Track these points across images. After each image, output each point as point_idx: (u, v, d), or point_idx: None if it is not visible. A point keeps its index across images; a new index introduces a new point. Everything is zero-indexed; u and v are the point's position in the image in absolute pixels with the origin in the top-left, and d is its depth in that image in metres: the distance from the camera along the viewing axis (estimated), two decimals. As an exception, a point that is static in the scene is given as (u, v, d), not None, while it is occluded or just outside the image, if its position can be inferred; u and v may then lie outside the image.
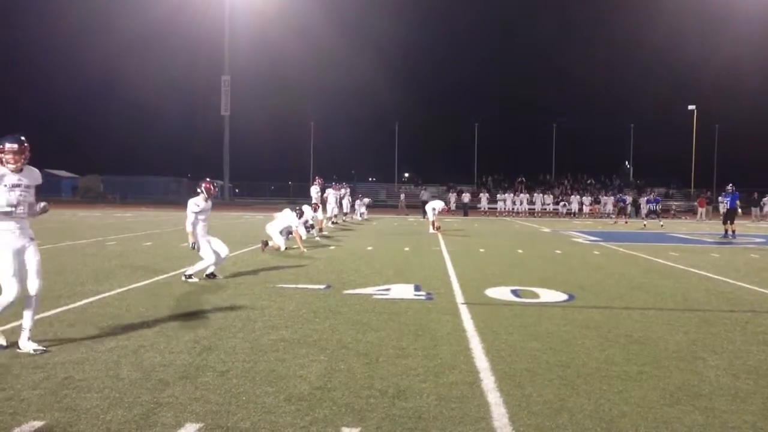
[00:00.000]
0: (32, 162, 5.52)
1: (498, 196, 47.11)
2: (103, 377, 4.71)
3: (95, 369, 4.92)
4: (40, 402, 4.17)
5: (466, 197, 43.40)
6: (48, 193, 62.33)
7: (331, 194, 22.87)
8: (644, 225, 30.28)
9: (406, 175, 78.78)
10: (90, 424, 3.82)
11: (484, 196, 46.48)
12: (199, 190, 9.65)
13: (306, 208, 17.07)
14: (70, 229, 21.11)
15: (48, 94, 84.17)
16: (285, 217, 13.93)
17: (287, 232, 13.90)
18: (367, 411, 4.13)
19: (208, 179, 9.83)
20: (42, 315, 6.77)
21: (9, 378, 4.65)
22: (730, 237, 21.50)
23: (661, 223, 30.81)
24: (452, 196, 44.93)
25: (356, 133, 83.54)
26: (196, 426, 3.82)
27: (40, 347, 5.35)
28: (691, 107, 63.14)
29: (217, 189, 9.80)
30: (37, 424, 3.80)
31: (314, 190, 20.89)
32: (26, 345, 5.32)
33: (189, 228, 9.48)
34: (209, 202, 9.71)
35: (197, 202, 9.54)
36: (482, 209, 44.85)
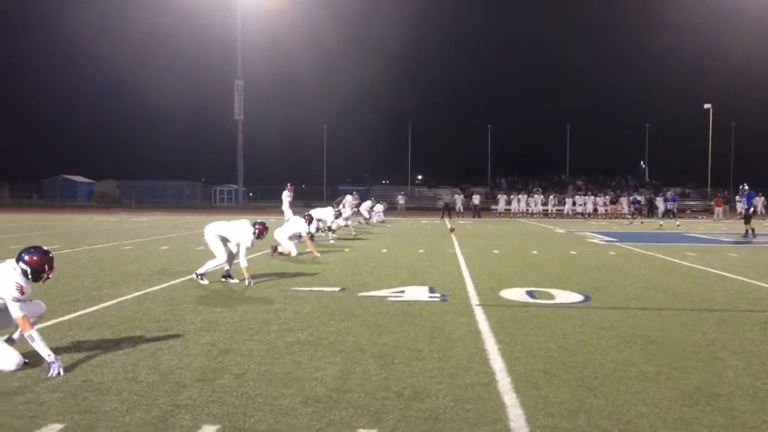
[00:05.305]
0: (50, 168, 5.56)
1: (512, 196, 46.89)
2: (121, 380, 4.75)
3: (113, 372, 4.96)
4: (60, 405, 4.21)
5: (476, 198, 43.26)
6: (65, 198, 62.99)
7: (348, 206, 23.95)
8: (660, 225, 30.05)
9: (420, 177, 78.75)
10: (109, 426, 3.85)
11: (502, 198, 46.36)
12: (254, 230, 9.68)
13: (317, 211, 17.08)
14: (86, 233, 21.29)
15: (64, 101, 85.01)
16: (294, 224, 13.89)
17: (298, 237, 13.87)
18: (383, 413, 4.13)
19: (263, 222, 9.94)
20: (60, 319, 6.85)
21: (29, 381, 4.70)
22: (750, 236, 21.31)
23: (678, 223, 30.57)
24: (459, 198, 44.76)
25: (369, 136, 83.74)
26: (214, 428, 3.84)
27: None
28: (707, 106, 62.56)
29: (267, 232, 10.06)
30: (57, 426, 3.84)
31: (349, 198, 24.12)
32: None
33: (245, 263, 9.57)
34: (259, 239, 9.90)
35: (254, 241, 9.67)
36: (498, 211, 44.77)
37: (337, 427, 3.89)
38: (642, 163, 73.53)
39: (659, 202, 37.51)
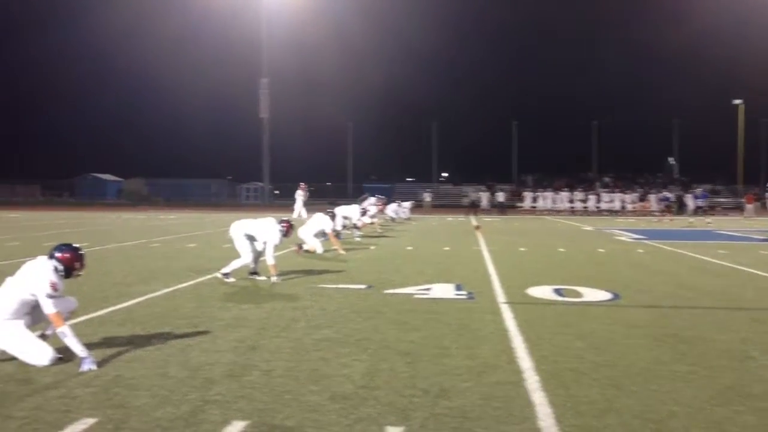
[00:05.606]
0: (80, 166, 5.65)
1: (538, 194, 46.57)
2: (152, 375, 4.81)
3: (144, 367, 5.02)
4: (93, 400, 4.27)
5: (501, 196, 42.92)
6: (94, 196, 63.94)
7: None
8: (690, 222, 29.60)
9: (445, 174, 78.46)
10: (140, 421, 3.90)
11: (528, 195, 46.07)
12: (281, 227, 9.75)
13: (342, 209, 17.11)
14: (116, 231, 21.59)
15: (94, 100, 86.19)
16: (317, 221, 13.91)
17: (323, 235, 13.90)
18: (410, 410, 4.13)
19: (288, 220, 10.09)
20: (92, 315, 6.96)
21: (62, 376, 4.78)
22: None
23: (708, 220, 30.10)
24: (485, 195, 44.49)
25: (394, 134, 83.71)
26: (243, 424, 3.87)
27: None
28: (737, 101, 61.42)
29: (293, 230, 10.26)
30: (90, 421, 3.90)
31: (372, 200, 24.50)
32: None
33: (273, 261, 9.62)
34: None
35: (281, 239, 9.78)
36: (524, 208, 44.51)
37: (365, 423, 3.90)
38: (671, 159, 72.45)
39: (689, 200, 36.90)
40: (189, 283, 9.43)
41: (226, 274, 9.58)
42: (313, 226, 13.80)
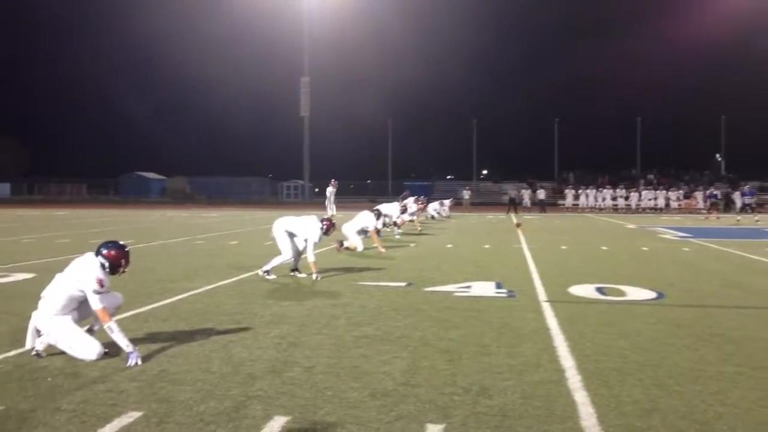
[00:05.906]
0: (125, 165, 5.77)
1: (579, 191, 45.96)
2: (195, 370, 4.89)
3: (188, 362, 5.11)
4: (138, 394, 4.37)
5: (541, 193, 42.46)
6: (138, 194, 65.26)
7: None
8: (738, 220, 28.87)
9: (485, 172, 77.95)
10: (184, 415, 3.98)
11: (569, 193, 45.51)
12: (321, 226, 9.78)
13: (382, 207, 17.15)
14: (160, 228, 22.01)
15: (138, 100, 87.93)
16: (362, 218, 13.98)
17: (364, 232, 13.96)
18: (451, 408, 4.12)
19: (330, 218, 10.10)
20: (137, 311, 7.11)
21: (108, 371, 4.90)
22: None
23: (757, 218, 29.30)
24: (526, 193, 44.09)
25: (434, 131, 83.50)
26: (285, 419, 3.92)
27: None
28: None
29: (334, 229, 10.23)
30: (136, 414, 3.99)
31: (411, 200, 24.36)
32: None
33: (313, 258, 9.64)
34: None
35: (321, 237, 9.79)
36: (566, 206, 43.97)
37: (406, 421, 3.91)
38: (718, 156, 70.69)
39: (736, 197, 35.99)
40: (231, 280, 9.56)
41: (267, 272, 9.69)
42: (357, 224, 13.87)
